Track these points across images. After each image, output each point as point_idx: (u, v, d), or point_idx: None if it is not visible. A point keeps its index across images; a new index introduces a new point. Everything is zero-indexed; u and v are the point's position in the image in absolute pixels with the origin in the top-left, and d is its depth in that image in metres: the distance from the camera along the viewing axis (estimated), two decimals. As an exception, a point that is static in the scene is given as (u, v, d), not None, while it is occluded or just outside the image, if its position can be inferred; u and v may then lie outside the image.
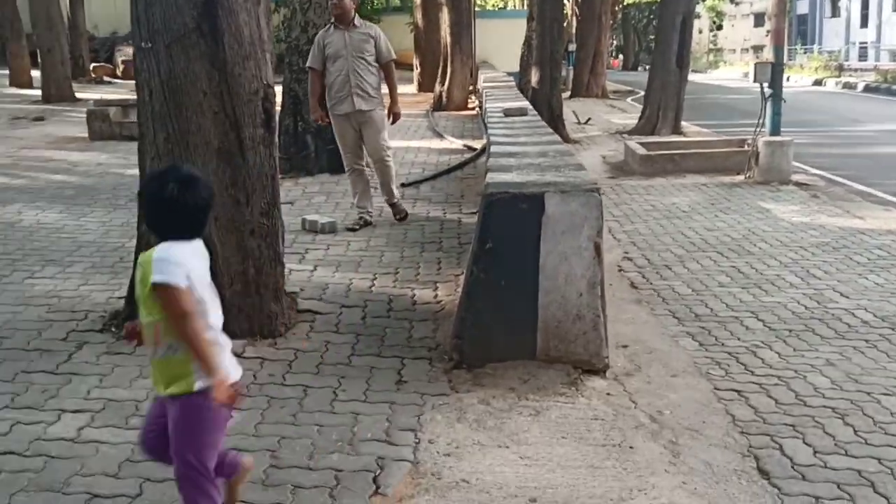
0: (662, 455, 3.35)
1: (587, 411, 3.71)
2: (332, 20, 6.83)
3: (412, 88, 21.69)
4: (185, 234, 2.46)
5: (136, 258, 4.51)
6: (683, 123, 13.62)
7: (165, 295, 2.35)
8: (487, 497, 3.01)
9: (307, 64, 6.96)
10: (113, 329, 4.46)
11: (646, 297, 5.44)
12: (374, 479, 3.11)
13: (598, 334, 4.07)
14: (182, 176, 2.50)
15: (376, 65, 6.74)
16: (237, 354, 4.10)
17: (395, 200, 7.10)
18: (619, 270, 5.99)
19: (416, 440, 3.41)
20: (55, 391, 3.75)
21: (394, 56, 6.93)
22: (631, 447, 3.40)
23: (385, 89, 6.89)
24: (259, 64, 4.21)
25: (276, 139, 4.45)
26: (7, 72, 22.42)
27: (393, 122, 7.10)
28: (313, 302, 4.96)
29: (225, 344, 2.56)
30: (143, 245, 4.35)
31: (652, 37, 47.93)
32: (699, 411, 3.76)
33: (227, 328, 4.23)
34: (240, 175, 4.23)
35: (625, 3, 35.34)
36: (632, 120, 14.75)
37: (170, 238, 2.44)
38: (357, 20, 6.79)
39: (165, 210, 2.44)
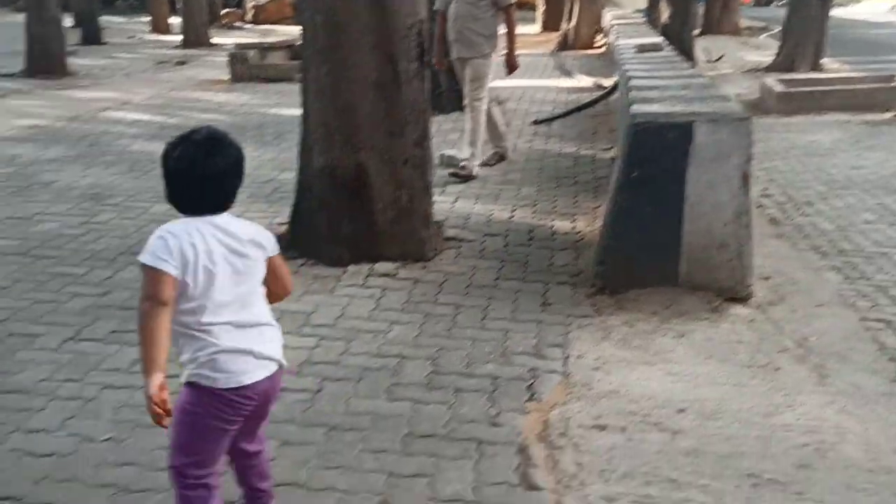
0: (809, 377, 3.43)
1: (731, 335, 3.80)
2: None
3: (535, 28, 21.48)
4: (206, 209, 2.10)
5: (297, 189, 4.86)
6: (823, 60, 13.02)
7: (147, 276, 2.02)
8: (637, 406, 3.19)
9: (434, 7, 6.78)
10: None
11: (787, 232, 5.40)
12: (529, 387, 3.33)
13: (742, 263, 4.13)
14: (200, 140, 2.12)
15: (491, 10, 6.46)
16: (390, 275, 4.44)
17: (466, 157, 6.55)
18: (759, 206, 5.94)
19: (565, 355, 3.61)
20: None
21: (512, 0, 6.62)
22: (777, 369, 3.49)
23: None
24: (415, 0, 4.40)
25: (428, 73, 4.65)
26: (149, 19, 23.59)
27: (509, 73, 6.86)
28: (457, 230, 5.20)
29: (232, 340, 2.10)
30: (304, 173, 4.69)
31: (787, -30, 45.37)
32: (846, 339, 3.79)
33: (381, 252, 4.58)
34: (395, 107, 4.46)
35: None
36: (766, 57, 14.19)
37: (189, 213, 2.10)
38: None
39: (181, 180, 2.10)
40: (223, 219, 2.12)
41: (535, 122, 8.51)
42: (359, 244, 4.54)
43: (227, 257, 2.08)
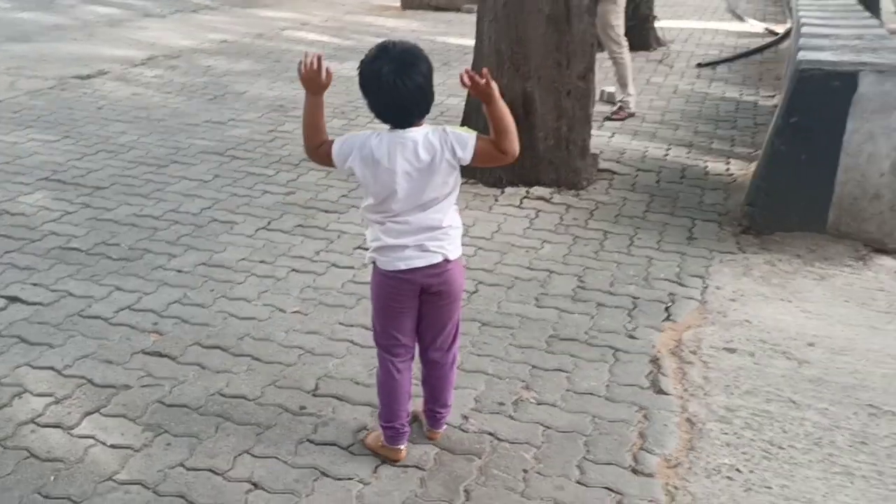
0: (947, 329, 3.52)
1: (873, 283, 3.91)
2: None
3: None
4: (404, 118, 2.32)
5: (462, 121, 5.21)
6: None
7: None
8: (768, 336, 3.40)
9: None
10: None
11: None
12: (666, 309, 3.61)
13: (894, 215, 4.17)
14: (396, 54, 2.27)
15: None
16: (545, 199, 4.75)
17: (619, 100, 6.61)
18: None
19: (704, 285, 3.84)
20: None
21: None
22: (914, 319, 3.59)
23: None
24: (591, -63, 4.60)
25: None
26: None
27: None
28: (612, 163, 5.43)
29: (395, 238, 2.38)
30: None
31: None
32: None
33: (538, 177, 4.89)
34: (564, 40, 4.71)
35: None
36: (963, 11, 13.20)
37: (392, 123, 2.34)
38: None
39: (379, 94, 2.29)
40: (414, 132, 2.30)
41: (700, 66, 8.46)
42: (517, 168, 4.85)
43: (411, 169, 2.30)
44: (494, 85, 2.31)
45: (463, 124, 5.26)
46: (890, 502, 2.46)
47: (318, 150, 2.45)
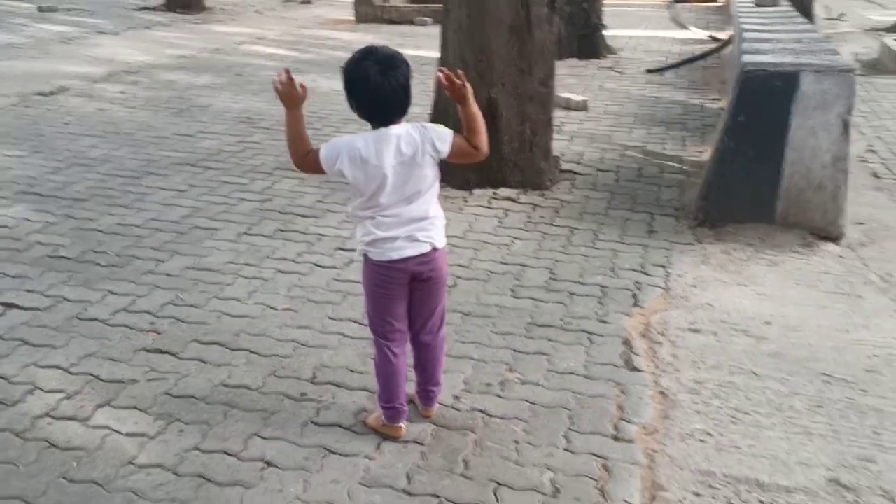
0: (888, 305, 3.83)
1: (820, 267, 4.22)
2: None
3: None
4: (385, 116, 2.48)
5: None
6: (952, 22, 12.69)
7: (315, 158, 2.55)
8: (728, 317, 3.68)
9: None
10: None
11: (887, 185, 5.66)
12: (633, 296, 3.86)
13: (836, 205, 4.50)
14: (382, 57, 2.43)
15: None
16: (512, 199, 4.99)
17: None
18: (862, 161, 6.19)
19: (667, 273, 4.11)
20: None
21: None
22: (859, 296, 3.90)
23: None
24: (549, -50, 4.87)
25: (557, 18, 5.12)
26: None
27: None
28: (573, 164, 5.70)
29: (385, 231, 2.56)
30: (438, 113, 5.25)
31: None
32: (929, 278, 4.15)
33: (504, 179, 5.12)
34: (525, 48, 4.97)
35: None
36: (890, 17, 13.87)
37: (374, 121, 2.50)
38: None
39: (364, 94, 2.44)
40: (396, 129, 2.47)
41: (649, 72, 8.83)
42: (485, 170, 5.11)
43: (395, 163, 2.47)
44: (469, 86, 2.53)
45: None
46: (845, 456, 2.72)
47: (306, 158, 2.58)
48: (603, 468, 2.63)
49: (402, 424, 2.77)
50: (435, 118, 5.36)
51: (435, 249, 2.62)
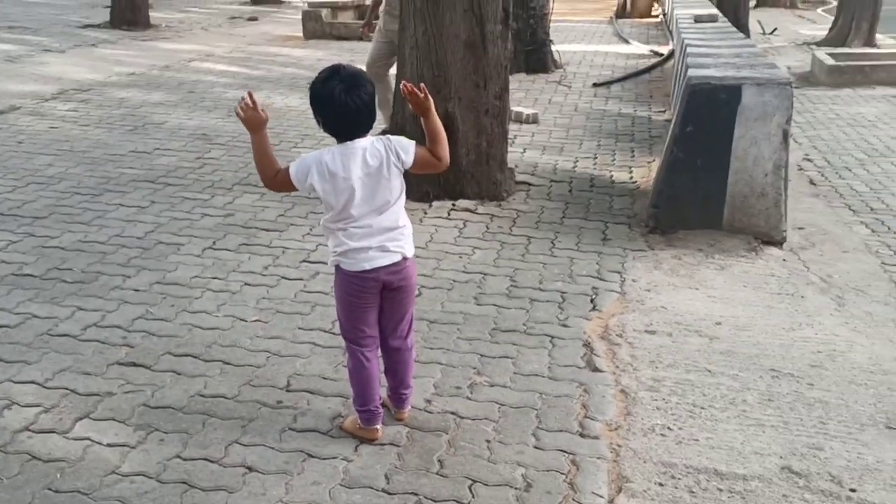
0: (829, 304, 4.06)
1: (765, 270, 4.44)
2: None
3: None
4: (350, 131, 2.59)
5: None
6: (878, 36, 13.29)
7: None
8: (681, 318, 3.86)
9: None
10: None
11: (824, 192, 5.95)
12: (591, 301, 4.03)
13: (778, 211, 4.74)
14: (346, 76, 2.55)
15: None
16: (471, 210, 5.13)
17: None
18: (799, 169, 6.49)
19: (622, 279, 4.29)
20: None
21: None
22: (802, 297, 4.13)
23: None
24: (503, -30, 5.05)
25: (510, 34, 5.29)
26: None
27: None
28: (527, 176, 5.88)
29: (357, 241, 2.66)
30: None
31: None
32: (865, 278, 4.40)
33: (462, 191, 5.26)
34: (480, 63, 5.13)
35: None
36: (821, 31, 14.46)
37: (341, 137, 2.62)
38: None
39: (330, 111, 2.57)
40: (361, 142, 2.59)
41: (595, 85, 9.09)
42: (443, 182, 5.25)
43: (363, 175, 2.59)
44: (431, 99, 2.69)
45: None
46: (795, 445, 2.90)
47: (276, 178, 2.71)
48: (571, 463, 2.76)
49: (378, 427, 2.87)
50: (391, 132, 5.48)
51: (405, 259, 2.75)
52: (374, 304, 2.79)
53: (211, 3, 19.49)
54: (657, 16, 16.67)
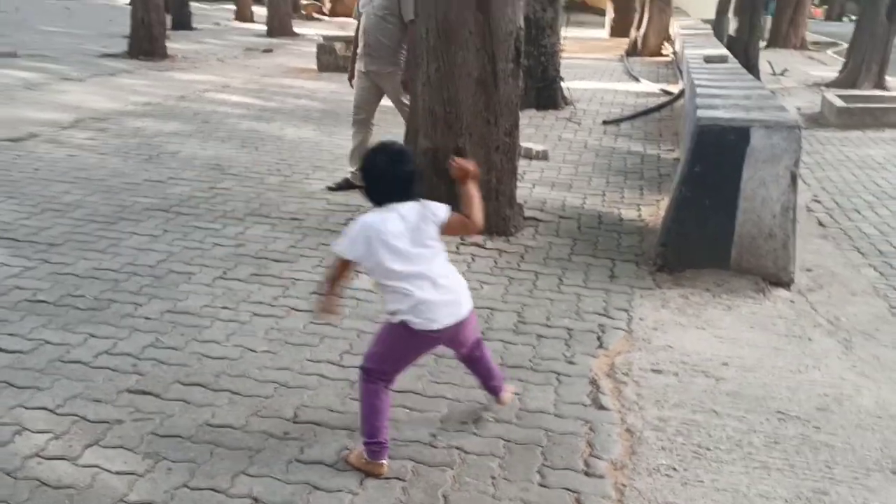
0: (836, 347, 4.07)
1: (773, 311, 4.45)
2: None
3: (604, 33, 22.04)
4: (392, 199, 2.82)
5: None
6: (888, 79, 13.39)
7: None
8: (688, 358, 3.87)
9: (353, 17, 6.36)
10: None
11: (832, 234, 5.98)
12: (598, 338, 4.04)
13: (786, 252, 4.77)
14: (392, 151, 2.88)
15: (399, 23, 6.15)
16: (479, 245, 5.17)
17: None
18: (808, 210, 6.52)
19: (629, 317, 4.31)
20: (349, 259, 4.94)
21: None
22: (809, 339, 4.13)
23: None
24: (515, 9, 5.14)
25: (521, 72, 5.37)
26: (233, 7, 24.71)
27: (406, 90, 6.28)
28: (535, 212, 5.92)
29: (423, 293, 2.80)
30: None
31: (862, -14, 44.70)
32: (873, 321, 4.40)
33: (471, 225, 5.28)
34: (492, 101, 5.20)
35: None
36: (831, 73, 14.58)
37: (383, 203, 2.83)
38: None
39: (377, 180, 2.84)
40: (405, 207, 2.82)
41: (605, 123, 9.17)
42: (453, 217, 5.28)
43: (409, 235, 2.79)
44: (475, 172, 3.02)
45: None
46: (801, 489, 2.90)
47: (340, 274, 3.01)
48: (576, 502, 2.77)
49: (384, 462, 2.89)
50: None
51: (468, 312, 2.96)
52: (421, 354, 3.05)
53: (227, 35, 19.79)
54: (668, 55, 16.82)
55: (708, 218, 4.82)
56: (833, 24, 30.49)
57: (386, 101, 6.56)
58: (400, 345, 2.89)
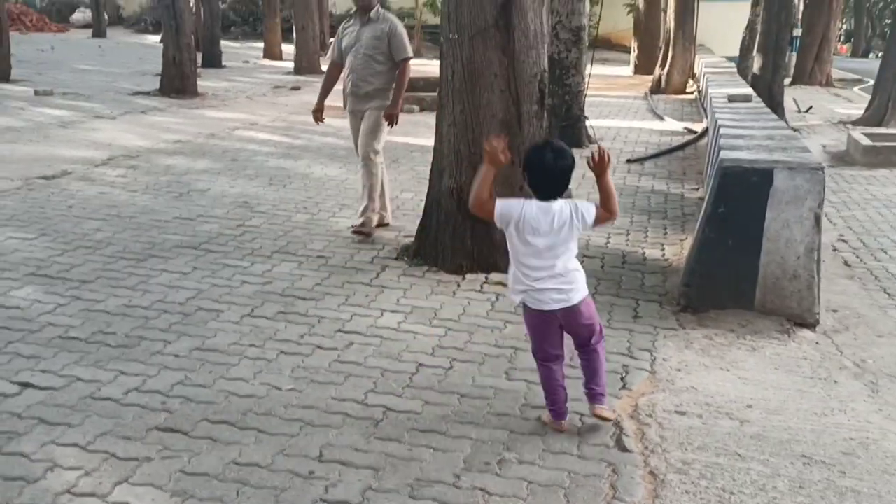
0: (863, 390, 4.04)
1: (797, 353, 4.44)
2: (355, 11, 6.31)
3: (628, 70, 22.17)
4: (549, 193, 3.33)
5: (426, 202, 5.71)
6: (915, 117, 13.32)
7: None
8: (712, 400, 3.87)
9: (328, 56, 6.11)
10: (405, 258, 5.68)
11: (858, 274, 5.95)
12: (622, 379, 4.05)
13: (811, 293, 4.76)
14: (556, 147, 3.35)
15: (388, 63, 6.16)
16: (503, 284, 5.21)
17: (368, 214, 6.21)
18: (834, 250, 6.50)
19: (653, 357, 4.31)
20: (374, 297, 5.00)
21: (409, 54, 6.25)
22: (835, 381, 4.11)
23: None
24: (539, 53, 5.23)
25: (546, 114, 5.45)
26: (261, 45, 25.17)
27: (389, 125, 6.30)
28: (560, 251, 5.94)
29: (540, 283, 3.36)
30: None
31: (888, 21, 44.70)
32: (900, 364, 4.38)
33: (495, 263, 5.36)
34: (516, 142, 5.25)
35: (859, -13, 33.33)
36: (857, 110, 14.55)
37: (539, 195, 3.35)
38: (376, 11, 6.17)
39: (540, 173, 3.34)
40: (555, 204, 3.33)
41: (629, 161, 9.21)
42: (477, 254, 5.35)
43: (550, 229, 3.30)
44: (610, 162, 3.44)
45: (424, 217, 5.74)
46: (826, 534, 2.89)
47: (485, 203, 3.39)
48: (599, 544, 2.77)
49: (563, 422, 3.51)
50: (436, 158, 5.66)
51: (578, 303, 3.42)
52: (555, 331, 3.49)
53: (256, 73, 20.15)
54: (692, 92, 16.88)
55: (732, 258, 4.83)
56: (859, 62, 30.42)
57: (393, 136, 6.57)
58: (528, 323, 3.52)
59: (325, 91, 6.57)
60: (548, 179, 3.34)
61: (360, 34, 6.17)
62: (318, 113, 6.61)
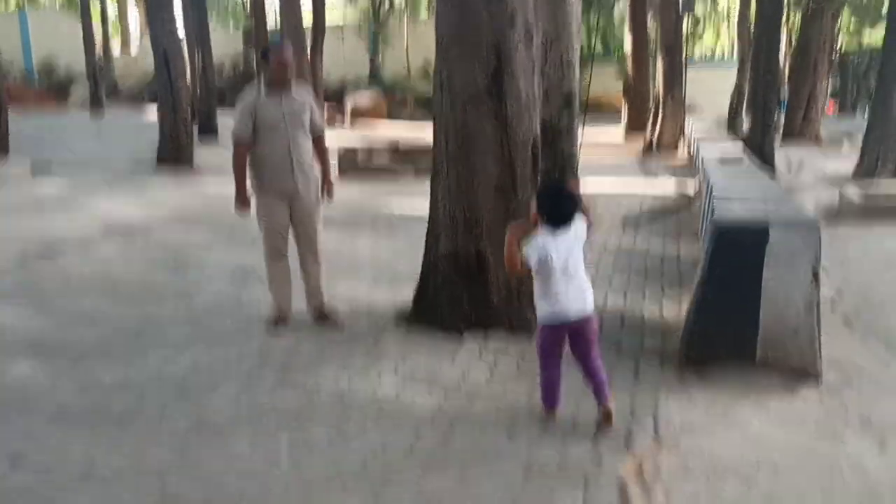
0: (871, 448, 3.98)
1: (802, 409, 4.39)
2: (267, 83, 5.46)
3: (619, 131, 22.47)
4: (559, 222, 3.98)
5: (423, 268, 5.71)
6: (905, 172, 13.46)
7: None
8: (717, 461, 3.81)
9: (234, 133, 5.49)
10: (403, 324, 5.65)
11: (857, 329, 5.93)
12: (625, 440, 3.99)
13: (812, 349, 4.73)
14: (561, 186, 4.43)
15: (310, 137, 5.62)
16: (503, 349, 5.18)
17: (327, 303, 5.89)
18: (833, 303, 6.48)
19: (655, 418, 4.26)
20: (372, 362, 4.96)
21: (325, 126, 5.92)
22: (842, 441, 4.06)
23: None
24: (532, 118, 5.30)
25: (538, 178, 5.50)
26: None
27: (329, 196, 5.85)
28: (558, 314, 5.92)
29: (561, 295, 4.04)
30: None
31: (874, 81, 45.34)
32: (906, 419, 4.33)
33: (493, 325, 5.32)
34: (511, 205, 5.30)
35: (842, 51, 34.02)
36: (846, 167, 14.69)
37: (553, 225, 3.97)
38: (293, 83, 5.55)
39: (549, 205, 3.98)
40: (564, 234, 3.99)
41: (624, 223, 9.26)
42: (475, 318, 5.33)
43: (564, 250, 3.96)
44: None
45: (421, 281, 5.73)
46: None
47: (517, 263, 4.07)
48: None
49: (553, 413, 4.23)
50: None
51: (591, 312, 4.14)
52: (563, 343, 4.18)
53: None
54: (683, 154, 17.07)
55: (731, 318, 4.81)
56: (847, 119, 30.74)
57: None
58: (541, 338, 4.18)
59: (244, 176, 5.66)
60: (558, 210, 3.98)
61: (286, 108, 5.44)
62: (245, 206, 5.74)
